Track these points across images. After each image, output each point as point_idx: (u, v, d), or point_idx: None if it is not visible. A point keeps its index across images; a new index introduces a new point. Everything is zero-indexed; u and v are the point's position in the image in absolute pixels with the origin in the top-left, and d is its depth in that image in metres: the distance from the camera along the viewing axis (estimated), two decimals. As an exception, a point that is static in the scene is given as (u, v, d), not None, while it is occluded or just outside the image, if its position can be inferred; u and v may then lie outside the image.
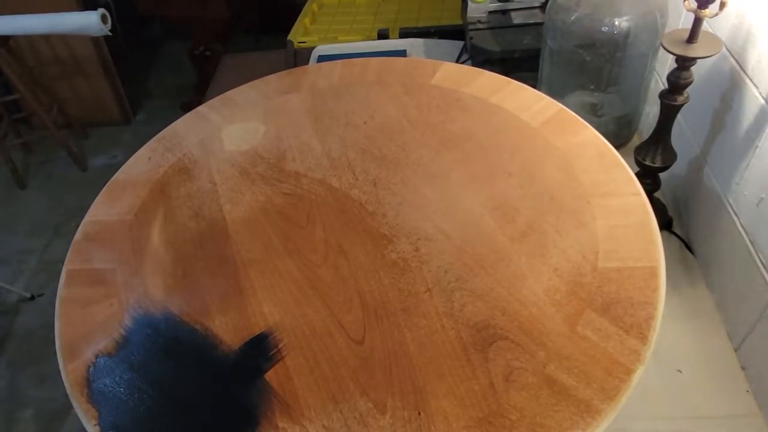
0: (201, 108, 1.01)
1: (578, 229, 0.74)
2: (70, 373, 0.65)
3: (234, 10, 2.48)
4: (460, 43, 1.52)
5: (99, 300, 0.73)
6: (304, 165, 0.87)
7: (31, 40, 2.55)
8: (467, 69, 1.02)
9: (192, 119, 0.99)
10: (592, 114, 1.16)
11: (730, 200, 0.86)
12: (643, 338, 0.62)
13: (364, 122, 0.94)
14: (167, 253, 0.77)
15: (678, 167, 0.98)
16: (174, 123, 0.98)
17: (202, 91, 2.19)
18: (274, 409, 0.61)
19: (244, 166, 0.88)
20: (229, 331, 0.68)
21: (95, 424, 0.62)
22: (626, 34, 1.00)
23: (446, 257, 0.72)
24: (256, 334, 0.68)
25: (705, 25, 0.81)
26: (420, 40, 1.58)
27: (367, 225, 0.78)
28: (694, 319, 0.89)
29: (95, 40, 2.59)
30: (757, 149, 0.79)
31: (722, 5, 0.75)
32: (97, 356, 0.66)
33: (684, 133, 1.02)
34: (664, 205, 1.03)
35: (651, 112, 1.16)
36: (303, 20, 1.83)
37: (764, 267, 0.78)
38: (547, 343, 0.63)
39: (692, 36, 0.81)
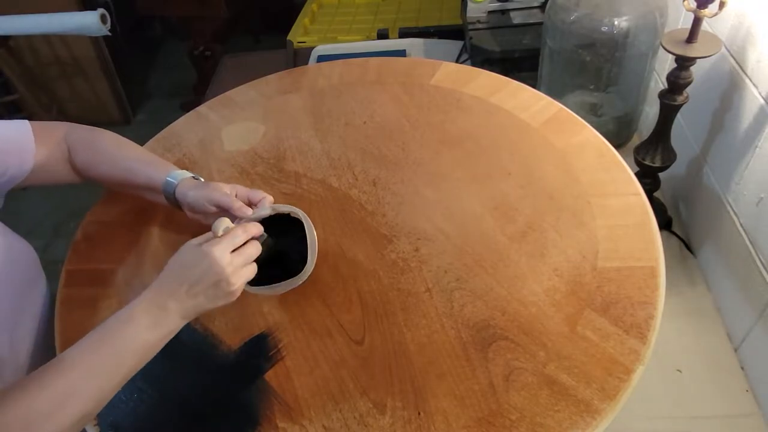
0: (201, 108, 1.01)
1: (578, 228, 0.74)
2: (70, 373, 0.65)
3: (234, 10, 2.48)
4: (459, 43, 1.52)
5: (99, 300, 0.73)
6: (303, 165, 0.87)
7: (31, 40, 2.54)
8: (467, 69, 1.02)
9: (192, 119, 0.99)
10: (592, 114, 1.16)
11: (730, 200, 0.86)
12: (643, 338, 0.62)
13: (364, 122, 0.94)
14: (167, 253, 0.76)
15: (678, 167, 0.98)
16: (174, 123, 0.98)
17: (201, 91, 2.18)
18: (274, 409, 0.61)
19: (243, 166, 0.88)
20: (229, 331, 0.68)
21: (95, 424, 0.62)
22: (626, 34, 1.00)
23: (446, 257, 0.72)
24: (256, 334, 0.68)
25: (704, 25, 0.81)
26: (420, 40, 1.58)
27: (367, 225, 0.78)
28: (694, 319, 0.89)
29: (95, 41, 2.59)
30: (757, 149, 0.79)
31: (722, 5, 0.75)
32: (97, 356, 0.66)
33: (684, 133, 1.02)
34: (663, 205, 1.03)
35: (651, 112, 1.16)
36: (303, 20, 1.83)
37: (764, 267, 0.78)
38: (547, 343, 0.63)
39: (692, 36, 0.81)
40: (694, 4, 0.78)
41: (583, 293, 0.67)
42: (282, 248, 0.70)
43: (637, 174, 0.84)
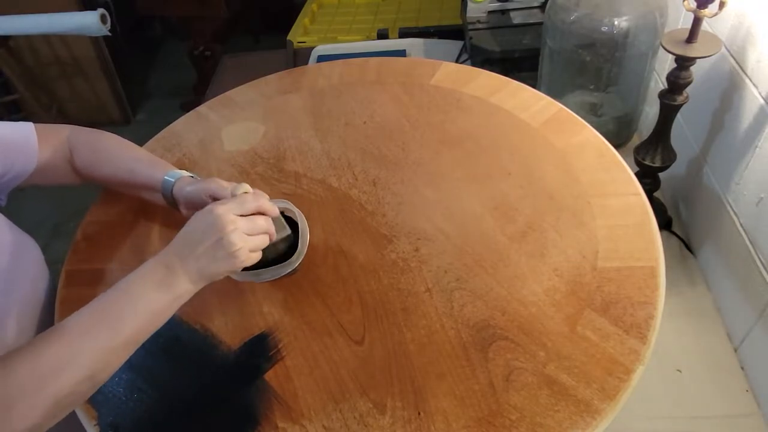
0: (201, 108, 1.01)
1: (578, 228, 0.74)
2: (69, 373, 0.65)
3: (234, 10, 2.48)
4: (459, 43, 1.52)
5: (99, 300, 0.73)
6: (303, 165, 0.87)
7: (31, 40, 2.54)
8: (467, 69, 1.02)
9: (192, 119, 0.99)
10: (592, 114, 1.16)
11: (730, 200, 0.86)
12: (643, 338, 0.62)
13: (364, 122, 0.94)
14: (167, 253, 0.76)
15: (677, 167, 0.98)
16: (174, 123, 0.98)
17: (201, 91, 2.18)
18: (274, 409, 0.61)
19: (243, 166, 0.88)
20: (228, 331, 0.68)
21: (95, 424, 0.62)
22: (626, 34, 1.00)
23: (446, 257, 0.72)
24: (256, 334, 0.68)
25: (704, 25, 0.81)
26: (420, 40, 1.58)
27: (367, 225, 0.78)
28: (694, 319, 0.89)
29: (95, 41, 2.58)
30: (757, 149, 0.79)
31: (722, 5, 0.75)
32: (96, 356, 0.66)
33: (684, 133, 1.01)
34: (663, 205, 1.03)
35: (650, 111, 1.16)
36: (303, 20, 1.83)
37: (764, 267, 0.78)
38: (547, 343, 0.63)
39: (692, 36, 0.81)
40: (694, 4, 0.78)
41: (583, 293, 0.67)
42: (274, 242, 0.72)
43: (637, 174, 0.84)
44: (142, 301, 0.55)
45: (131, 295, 0.55)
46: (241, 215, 0.60)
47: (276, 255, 0.68)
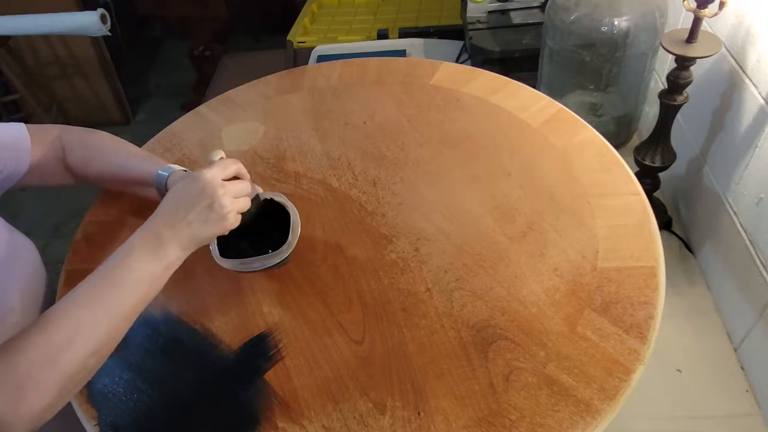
0: (200, 108, 1.01)
1: (578, 228, 0.74)
2: (69, 373, 0.65)
3: (234, 10, 2.48)
4: (459, 43, 1.52)
5: (99, 300, 0.73)
6: (303, 165, 0.87)
7: (31, 40, 2.54)
8: (467, 69, 1.02)
9: (191, 119, 0.99)
10: (592, 114, 1.16)
11: (730, 200, 0.86)
12: (643, 338, 0.62)
13: (364, 122, 0.94)
14: (167, 253, 0.76)
15: (677, 167, 0.98)
16: (173, 123, 0.98)
17: (201, 91, 2.19)
18: (274, 409, 0.61)
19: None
20: (228, 331, 0.68)
21: (95, 424, 0.62)
22: (625, 34, 1.00)
23: (446, 257, 0.72)
24: (256, 334, 0.68)
25: (704, 25, 0.81)
26: (420, 40, 1.58)
27: (367, 225, 0.78)
28: (694, 319, 0.89)
29: (95, 41, 2.59)
30: (757, 149, 0.79)
31: (722, 5, 0.75)
32: (96, 356, 0.66)
33: (684, 132, 1.01)
34: (663, 205, 1.03)
35: (650, 111, 1.16)
36: (303, 20, 1.83)
37: (764, 267, 0.78)
38: (547, 343, 0.63)
39: (692, 36, 0.81)
40: (694, 4, 0.78)
41: (583, 293, 0.67)
42: (266, 233, 0.73)
43: (637, 174, 0.84)
44: (138, 273, 0.56)
45: (126, 268, 0.56)
46: (224, 179, 0.61)
47: (249, 217, 0.68)
